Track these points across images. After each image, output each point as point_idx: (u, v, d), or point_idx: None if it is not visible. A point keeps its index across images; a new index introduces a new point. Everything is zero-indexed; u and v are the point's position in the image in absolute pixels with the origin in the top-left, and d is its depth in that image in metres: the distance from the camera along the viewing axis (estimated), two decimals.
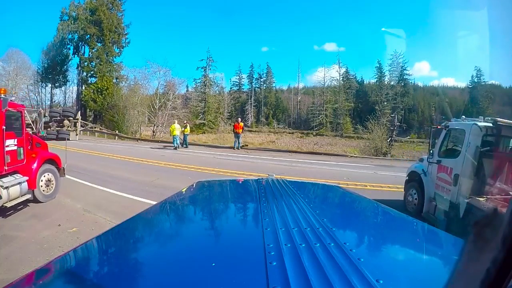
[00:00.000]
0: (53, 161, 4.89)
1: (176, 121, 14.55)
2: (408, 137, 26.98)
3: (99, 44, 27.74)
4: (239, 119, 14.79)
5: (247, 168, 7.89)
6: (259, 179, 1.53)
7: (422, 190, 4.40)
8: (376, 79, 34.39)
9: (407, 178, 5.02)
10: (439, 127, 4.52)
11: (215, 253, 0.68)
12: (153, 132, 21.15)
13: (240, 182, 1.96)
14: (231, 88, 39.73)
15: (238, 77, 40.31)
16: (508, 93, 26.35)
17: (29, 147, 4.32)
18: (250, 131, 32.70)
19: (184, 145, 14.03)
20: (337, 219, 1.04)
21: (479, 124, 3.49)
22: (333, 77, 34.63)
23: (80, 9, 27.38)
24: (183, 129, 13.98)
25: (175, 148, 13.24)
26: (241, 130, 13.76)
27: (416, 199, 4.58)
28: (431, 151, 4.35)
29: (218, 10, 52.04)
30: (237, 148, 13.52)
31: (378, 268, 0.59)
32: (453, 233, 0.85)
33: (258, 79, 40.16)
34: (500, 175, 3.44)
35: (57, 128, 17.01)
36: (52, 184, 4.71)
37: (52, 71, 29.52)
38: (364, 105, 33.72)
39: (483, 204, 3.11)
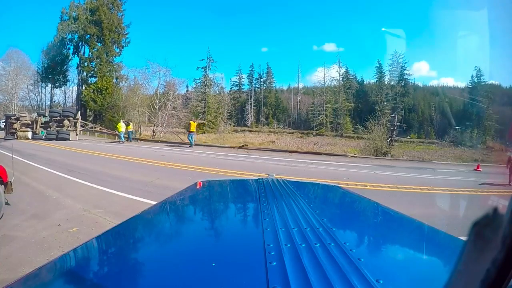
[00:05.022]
0: None
1: (121, 120, 16.98)
2: (408, 137, 26.97)
3: (99, 44, 27.73)
4: (193, 118, 15.91)
5: (247, 168, 7.89)
6: (259, 179, 1.53)
7: None
8: (376, 79, 34.47)
9: None
10: None
11: (215, 253, 0.68)
12: (153, 132, 21.13)
13: (240, 182, 1.96)
14: (231, 88, 39.86)
15: (238, 77, 40.46)
16: (508, 93, 26.32)
17: None
18: (250, 131, 32.72)
19: (129, 140, 16.19)
20: (337, 219, 1.04)
21: None
22: (333, 77, 34.73)
23: (80, 9, 27.39)
24: (126, 126, 16.28)
25: (119, 142, 15.61)
26: (190, 128, 14.17)
27: None
28: None
29: (218, 10, 52.31)
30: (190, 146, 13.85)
31: (378, 268, 0.59)
32: None
33: (258, 79, 40.26)
34: None
35: (57, 128, 17.04)
36: None
37: (52, 71, 29.56)
38: (364, 105, 33.76)
39: None
